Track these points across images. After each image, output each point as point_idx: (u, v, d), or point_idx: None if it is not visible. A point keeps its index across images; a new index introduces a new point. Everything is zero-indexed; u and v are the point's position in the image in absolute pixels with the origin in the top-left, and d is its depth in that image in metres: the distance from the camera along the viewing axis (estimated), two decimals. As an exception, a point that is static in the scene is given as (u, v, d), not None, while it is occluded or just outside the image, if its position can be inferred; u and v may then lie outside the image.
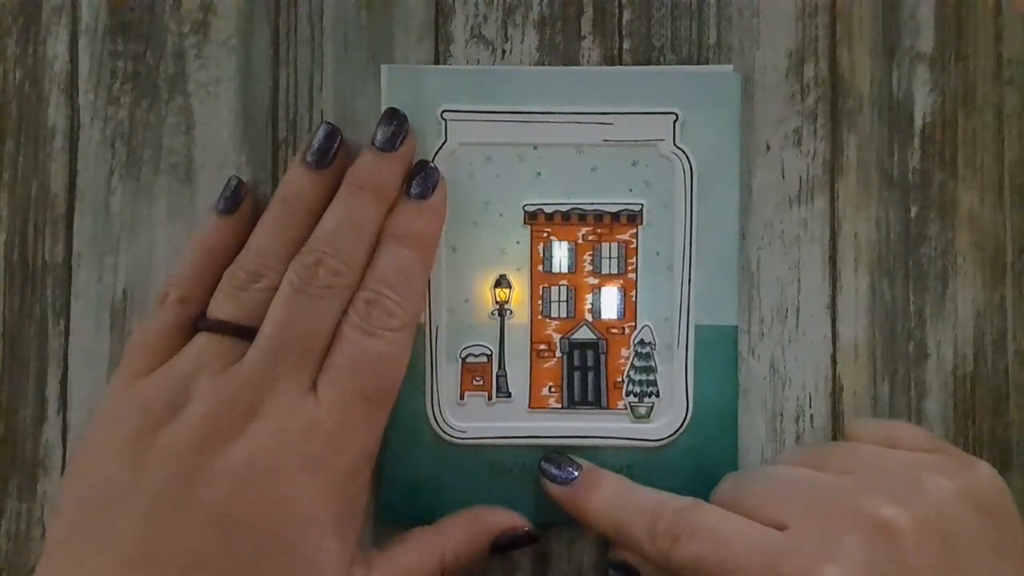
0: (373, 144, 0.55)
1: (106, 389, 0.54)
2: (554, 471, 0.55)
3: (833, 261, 0.58)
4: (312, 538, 0.49)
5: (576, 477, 0.55)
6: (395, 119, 0.55)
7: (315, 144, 0.55)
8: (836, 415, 0.58)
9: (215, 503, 0.48)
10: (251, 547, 0.48)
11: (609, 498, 0.54)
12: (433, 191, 0.55)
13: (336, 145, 0.55)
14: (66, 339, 0.59)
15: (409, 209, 0.55)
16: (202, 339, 0.52)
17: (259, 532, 0.48)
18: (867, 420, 0.57)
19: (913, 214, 0.59)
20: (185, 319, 0.54)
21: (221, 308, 0.53)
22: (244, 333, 0.52)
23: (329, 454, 0.50)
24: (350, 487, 0.51)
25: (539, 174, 0.57)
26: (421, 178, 0.55)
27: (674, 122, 0.57)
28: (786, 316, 0.58)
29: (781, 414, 0.58)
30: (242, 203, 0.56)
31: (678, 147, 0.57)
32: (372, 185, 0.54)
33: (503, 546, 0.55)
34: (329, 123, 0.56)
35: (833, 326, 0.58)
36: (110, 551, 0.48)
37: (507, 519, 0.56)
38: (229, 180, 0.56)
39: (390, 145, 0.55)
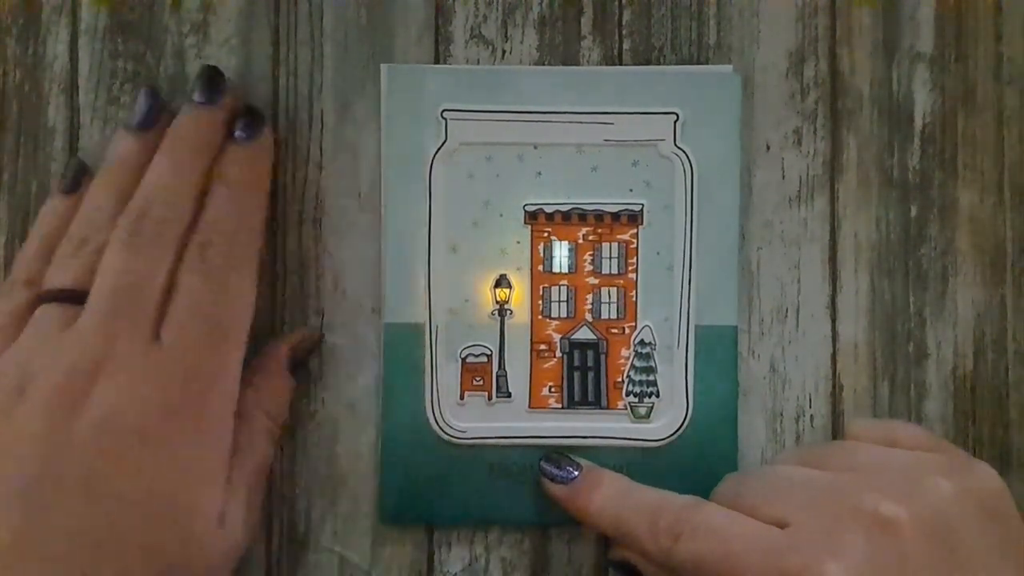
0: (191, 100, 0.54)
1: None
2: (554, 471, 0.55)
3: (833, 261, 0.58)
4: (192, 491, 0.49)
5: (576, 477, 0.55)
6: (211, 73, 0.55)
7: (136, 107, 0.55)
8: (836, 415, 0.58)
9: (80, 476, 0.47)
10: (128, 510, 0.47)
11: (609, 497, 0.54)
12: (260, 134, 0.55)
13: (157, 106, 0.55)
14: (66, 339, 0.58)
15: (236, 151, 0.54)
16: (40, 312, 0.51)
17: (133, 496, 0.48)
18: (867, 420, 0.57)
19: (913, 214, 0.59)
20: (32, 299, 0.53)
21: (53, 278, 0.52)
22: (79, 298, 0.51)
23: (189, 401, 0.49)
24: (216, 432, 0.51)
25: (539, 174, 0.57)
26: (246, 121, 0.55)
27: (674, 122, 0.57)
28: (786, 316, 0.58)
29: (781, 414, 0.58)
30: (82, 182, 0.56)
31: (678, 147, 0.57)
32: (192, 135, 0.53)
33: (299, 362, 0.57)
34: (149, 86, 0.56)
35: (833, 326, 0.58)
36: None
37: (288, 338, 0.57)
38: (70, 160, 0.57)
39: (208, 99, 0.54)
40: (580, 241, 0.57)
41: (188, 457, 0.49)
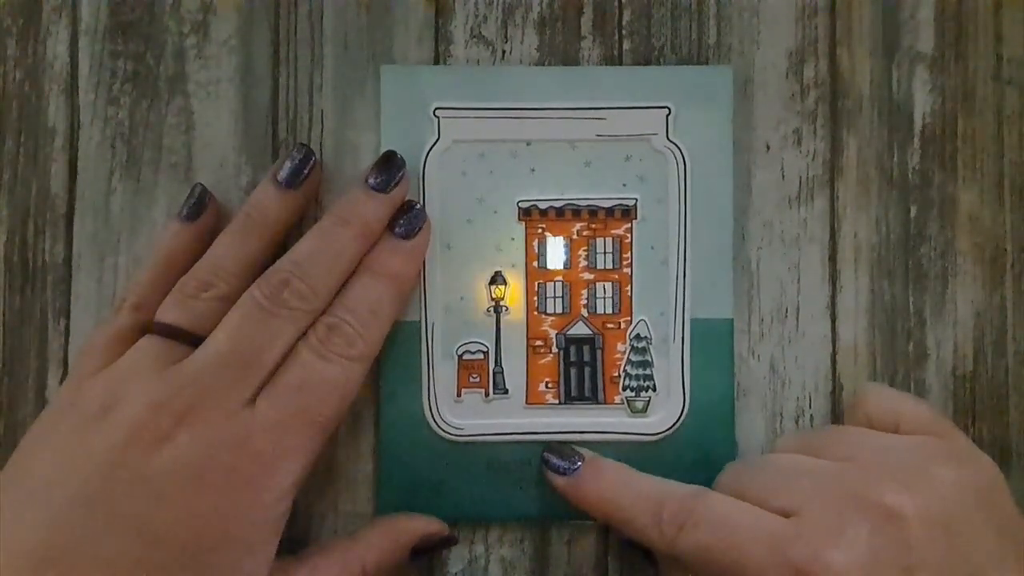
0: (366, 182, 0.55)
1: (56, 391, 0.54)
2: (556, 462, 0.55)
3: (833, 261, 0.58)
4: (229, 557, 0.49)
5: (579, 467, 0.55)
6: (392, 163, 0.55)
7: (288, 164, 0.55)
8: (836, 415, 0.58)
9: (133, 511, 0.47)
10: (164, 559, 0.47)
11: (611, 486, 0.54)
12: (418, 232, 0.55)
13: (309, 168, 0.55)
14: (66, 339, 0.59)
15: (391, 246, 0.55)
16: (146, 342, 0.52)
17: (175, 545, 0.47)
18: (879, 388, 0.57)
19: (913, 214, 0.59)
20: (138, 325, 0.53)
21: (168, 313, 0.53)
22: (189, 339, 0.51)
23: (257, 472, 0.49)
24: (272, 510, 0.50)
25: (533, 170, 0.57)
26: (408, 218, 0.55)
27: (666, 116, 0.57)
28: (786, 316, 0.58)
29: (781, 414, 0.58)
30: (205, 211, 0.56)
31: (671, 141, 0.57)
32: (356, 221, 0.54)
33: (422, 550, 0.56)
34: (305, 145, 0.56)
35: (833, 326, 0.58)
36: (18, 550, 0.46)
37: (425, 525, 0.56)
38: (193, 187, 0.57)
39: (382, 187, 0.55)
40: (574, 237, 0.57)
41: (236, 522, 0.49)
